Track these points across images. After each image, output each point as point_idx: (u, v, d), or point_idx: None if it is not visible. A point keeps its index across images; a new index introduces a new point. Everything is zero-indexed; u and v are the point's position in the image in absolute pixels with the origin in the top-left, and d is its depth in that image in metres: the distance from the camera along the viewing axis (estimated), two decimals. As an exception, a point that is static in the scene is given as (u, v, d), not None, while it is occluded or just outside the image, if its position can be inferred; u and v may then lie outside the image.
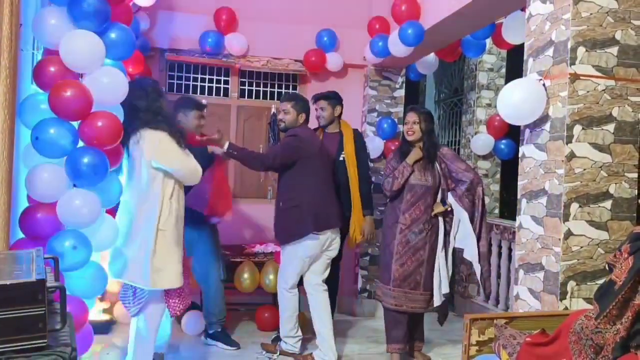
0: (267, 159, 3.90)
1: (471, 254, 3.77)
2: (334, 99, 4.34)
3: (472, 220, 3.74)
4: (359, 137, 4.50)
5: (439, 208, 3.80)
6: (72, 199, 2.72)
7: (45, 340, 1.51)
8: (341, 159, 4.32)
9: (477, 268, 3.79)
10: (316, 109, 4.33)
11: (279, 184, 4.00)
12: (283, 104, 4.04)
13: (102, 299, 4.25)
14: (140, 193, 3.08)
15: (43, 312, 1.50)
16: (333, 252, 4.00)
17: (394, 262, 3.78)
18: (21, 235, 2.77)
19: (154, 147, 3.05)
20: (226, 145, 3.83)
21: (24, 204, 2.88)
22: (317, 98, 4.34)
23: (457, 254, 3.95)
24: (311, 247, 3.87)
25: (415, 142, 3.83)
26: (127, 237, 3.07)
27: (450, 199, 3.78)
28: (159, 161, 3.06)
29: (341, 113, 4.40)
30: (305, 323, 4.28)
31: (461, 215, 3.77)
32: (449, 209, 3.79)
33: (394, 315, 3.84)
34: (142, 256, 3.05)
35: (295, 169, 3.86)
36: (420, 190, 3.79)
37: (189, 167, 3.19)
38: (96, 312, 4.20)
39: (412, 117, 3.83)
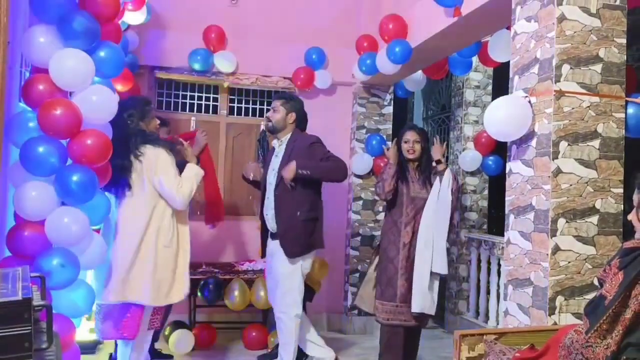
0: (341, 162, 3.70)
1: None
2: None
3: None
4: None
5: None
6: (60, 217, 2.70)
7: (32, 360, 1.49)
8: None
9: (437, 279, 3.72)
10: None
11: (296, 193, 3.62)
12: (273, 102, 3.86)
13: (89, 318, 4.20)
14: (143, 210, 3.16)
15: (29, 331, 1.48)
16: None
17: (400, 277, 3.73)
18: (8, 253, 2.74)
19: (154, 164, 3.16)
20: (293, 167, 3.54)
21: (10, 222, 2.85)
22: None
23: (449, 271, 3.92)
24: (310, 265, 3.79)
25: (415, 160, 3.84)
26: (133, 256, 3.14)
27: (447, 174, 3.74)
28: (155, 177, 3.15)
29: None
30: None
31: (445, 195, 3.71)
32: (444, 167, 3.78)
33: (394, 333, 3.76)
34: (147, 274, 3.13)
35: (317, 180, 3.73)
36: (420, 203, 3.78)
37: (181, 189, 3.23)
38: (83, 332, 4.15)
39: (413, 136, 3.82)
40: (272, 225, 3.75)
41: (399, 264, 3.74)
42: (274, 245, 3.73)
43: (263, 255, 3.95)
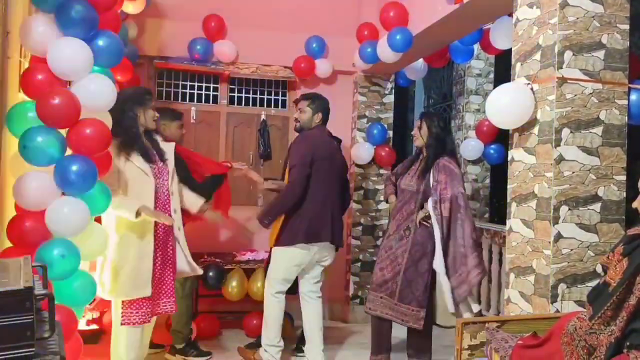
0: (294, 189, 3.71)
1: (437, 264, 3.60)
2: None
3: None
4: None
5: (421, 214, 3.67)
6: (60, 207, 2.70)
7: (33, 349, 1.49)
8: None
9: (445, 281, 3.58)
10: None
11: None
12: (300, 103, 3.97)
13: (91, 309, 4.21)
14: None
15: (31, 320, 1.48)
16: (327, 262, 3.94)
17: (376, 265, 3.82)
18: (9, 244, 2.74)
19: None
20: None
21: (11, 212, 2.85)
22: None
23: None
24: (300, 256, 3.79)
25: (420, 147, 3.86)
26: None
27: (429, 204, 3.62)
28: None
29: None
30: (287, 332, 4.26)
31: (433, 223, 3.61)
32: (427, 213, 3.63)
33: (374, 322, 3.81)
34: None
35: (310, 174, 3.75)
36: (407, 196, 3.76)
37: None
38: (86, 322, 4.16)
39: (417, 122, 3.89)
40: None
41: (379, 252, 3.83)
42: None
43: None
